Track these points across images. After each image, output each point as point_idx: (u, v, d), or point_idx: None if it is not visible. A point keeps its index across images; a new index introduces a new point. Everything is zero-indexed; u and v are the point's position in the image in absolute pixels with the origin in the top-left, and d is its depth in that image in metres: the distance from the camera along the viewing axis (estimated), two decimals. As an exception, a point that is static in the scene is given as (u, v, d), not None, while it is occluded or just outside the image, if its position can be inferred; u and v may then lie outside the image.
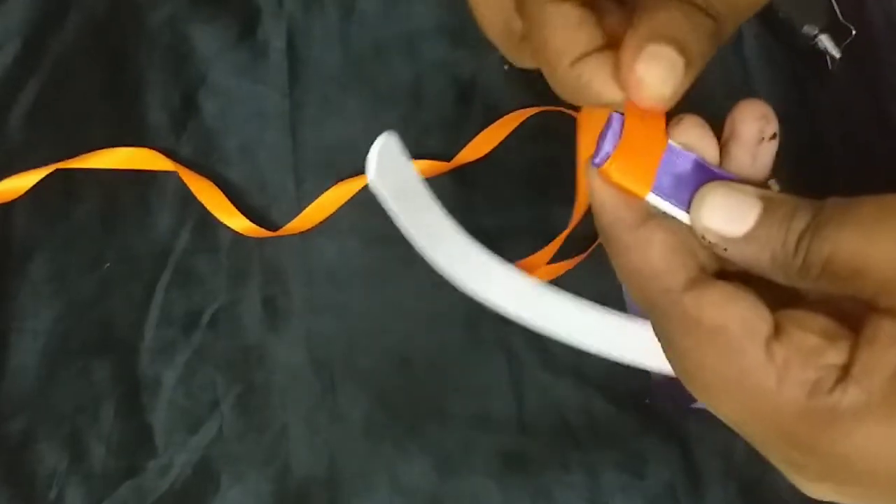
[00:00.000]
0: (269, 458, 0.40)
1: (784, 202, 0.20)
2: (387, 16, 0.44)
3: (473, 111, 0.43)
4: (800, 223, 0.20)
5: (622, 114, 0.22)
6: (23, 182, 0.42)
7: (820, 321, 0.19)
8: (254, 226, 0.42)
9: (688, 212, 0.21)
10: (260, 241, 0.42)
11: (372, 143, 0.44)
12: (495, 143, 0.43)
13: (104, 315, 0.42)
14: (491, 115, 0.43)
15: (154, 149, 0.43)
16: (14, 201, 0.42)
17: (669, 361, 0.21)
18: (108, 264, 0.42)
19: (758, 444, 0.20)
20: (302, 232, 0.42)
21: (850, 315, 0.19)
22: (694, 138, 0.22)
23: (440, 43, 0.44)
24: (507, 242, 0.43)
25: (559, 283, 0.33)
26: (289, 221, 0.42)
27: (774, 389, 0.18)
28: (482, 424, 0.41)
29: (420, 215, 0.29)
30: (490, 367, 0.41)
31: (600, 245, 0.42)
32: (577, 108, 0.41)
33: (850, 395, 0.18)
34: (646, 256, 0.21)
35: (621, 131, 0.21)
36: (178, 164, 0.42)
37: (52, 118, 0.44)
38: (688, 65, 0.20)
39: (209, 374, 0.41)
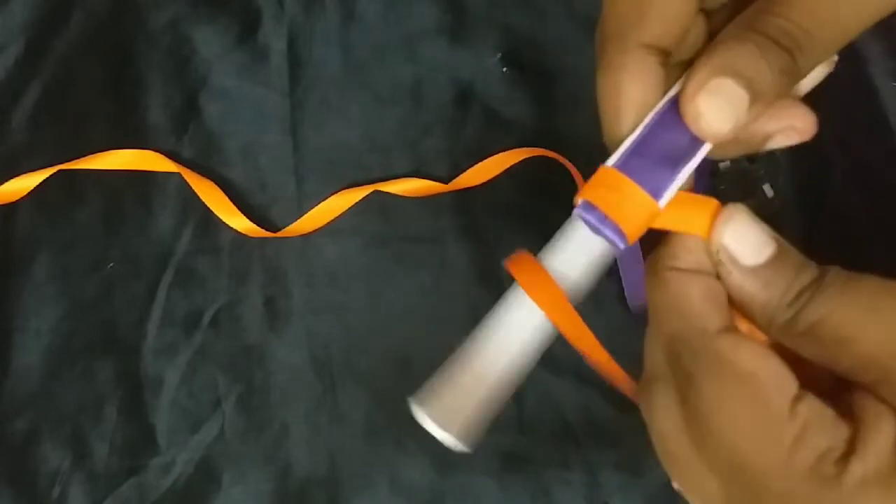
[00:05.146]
0: (270, 458, 0.40)
1: (795, 254, 0.21)
2: (387, 17, 0.44)
3: (473, 112, 0.44)
4: (804, 279, 0.20)
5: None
6: (26, 183, 0.42)
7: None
8: (255, 226, 0.42)
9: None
10: (261, 242, 0.43)
11: (372, 143, 0.44)
12: (492, 175, 0.43)
13: (107, 315, 0.42)
14: (490, 117, 0.43)
15: (155, 150, 0.43)
16: (17, 202, 0.43)
17: (662, 410, 0.21)
18: (111, 264, 0.42)
19: (753, 497, 0.20)
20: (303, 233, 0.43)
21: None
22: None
23: (440, 44, 0.44)
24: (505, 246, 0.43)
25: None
26: (290, 222, 0.43)
27: (789, 446, 0.19)
28: (482, 424, 0.41)
29: None
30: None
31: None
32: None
33: (854, 468, 0.18)
34: (687, 294, 0.21)
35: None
36: (179, 165, 0.43)
37: (54, 119, 0.44)
38: (753, 100, 0.20)
39: (211, 374, 0.41)
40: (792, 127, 0.22)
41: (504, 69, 0.44)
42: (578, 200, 0.22)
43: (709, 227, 0.21)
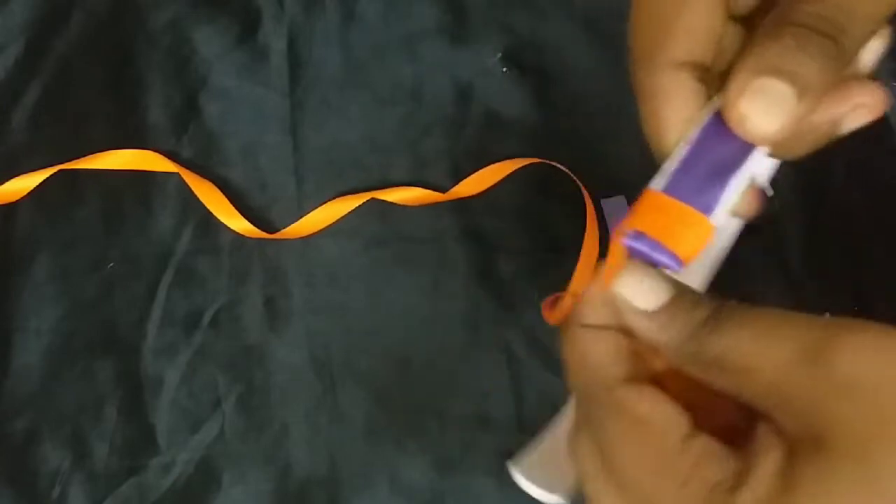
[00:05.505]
0: (270, 458, 0.40)
1: (690, 295, 0.22)
2: (387, 17, 0.44)
3: (473, 112, 0.44)
4: (699, 316, 0.21)
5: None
6: (26, 183, 0.42)
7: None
8: (254, 227, 0.42)
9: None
10: (261, 242, 0.43)
11: (372, 143, 0.44)
12: (490, 184, 0.43)
13: (107, 315, 0.42)
14: (490, 117, 0.43)
15: (155, 150, 0.43)
16: (17, 202, 0.43)
17: (582, 453, 0.23)
18: (111, 264, 0.42)
19: None
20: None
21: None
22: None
23: (440, 44, 0.44)
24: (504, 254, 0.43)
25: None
26: (289, 222, 0.43)
27: (682, 481, 0.20)
28: (482, 424, 0.41)
29: None
30: (490, 367, 0.41)
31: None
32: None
33: (742, 497, 0.20)
34: (592, 349, 0.22)
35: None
36: (179, 166, 0.43)
37: (54, 119, 0.44)
38: (801, 94, 0.19)
39: (211, 374, 0.41)
40: (861, 105, 0.22)
41: (504, 69, 0.44)
42: (627, 230, 0.21)
43: (608, 278, 0.22)
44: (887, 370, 0.19)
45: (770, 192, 0.23)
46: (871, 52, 0.22)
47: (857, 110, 0.22)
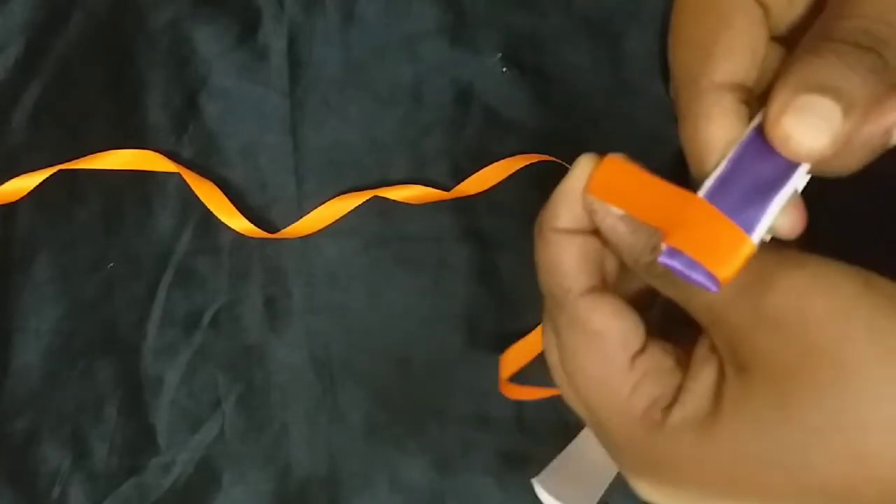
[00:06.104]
0: (270, 458, 0.40)
1: None
2: (387, 18, 0.44)
3: (473, 112, 0.44)
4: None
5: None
6: (26, 183, 0.42)
7: (679, 350, 0.22)
8: (254, 227, 0.42)
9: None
10: (261, 242, 0.43)
11: (372, 143, 0.44)
12: (493, 183, 0.43)
13: (107, 315, 0.42)
14: (490, 117, 0.43)
15: (155, 150, 0.43)
16: (17, 202, 0.43)
17: (549, 345, 0.24)
18: (111, 264, 0.42)
19: (602, 437, 0.23)
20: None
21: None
22: None
23: (440, 44, 0.44)
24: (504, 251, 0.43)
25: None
26: (290, 222, 0.43)
27: (627, 395, 0.22)
28: (482, 424, 0.41)
29: None
30: (490, 367, 0.41)
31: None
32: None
33: (675, 413, 0.21)
34: (561, 255, 0.23)
35: None
36: (179, 165, 0.43)
37: (54, 119, 0.44)
38: (847, 110, 0.19)
39: (211, 374, 0.41)
40: None
41: (504, 69, 0.44)
42: (664, 246, 0.21)
43: (588, 178, 0.23)
44: (816, 307, 0.19)
45: None
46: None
47: None
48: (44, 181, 0.42)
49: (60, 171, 0.42)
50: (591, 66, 0.44)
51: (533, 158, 0.43)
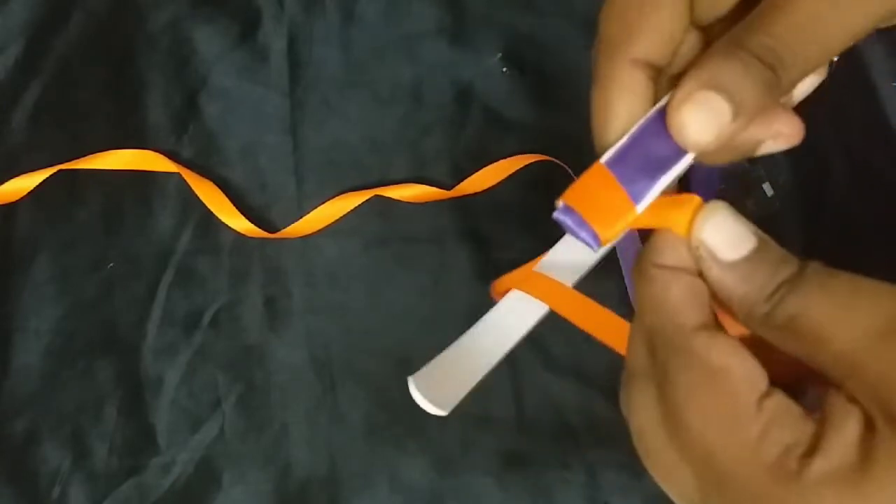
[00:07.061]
0: (270, 457, 0.40)
1: (775, 249, 0.21)
2: (387, 18, 0.44)
3: (473, 112, 0.44)
4: (783, 274, 0.21)
5: None
6: (26, 183, 0.42)
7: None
8: (254, 227, 0.42)
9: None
10: (261, 242, 0.43)
11: (372, 143, 0.44)
12: (492, 183, 0.43)
13: (107, 315, 0.42)
14: (490, 117, 0.43)
15: (155, 150, 0.43)
16: (17, 202, 0.43)
17: (638, 407, 0.22)
18: (111, 264, 0.42)
19: (721, 488, 0.21)
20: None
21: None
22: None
23: (439, 45, 0.44)
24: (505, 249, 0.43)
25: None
26: (289, 222, 0.43)
27: (755, 440, 0.20)
28: (482, 424, 0.41)
29: None
30: (490, 367, 0.41)
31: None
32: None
33: (816, 465, 0.19)
34: (668, 291, 0.22)
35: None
36: (179, 165, 0.43)
37: (54, 119, 0.44)
38: (736, 113, 0.21)
39: (211, 374, 0.41)
40: (779, 133, 0.23)
41: (504, 69, 0.44)
42: (560, 203, 0.23)
43: (689, 223, 0.22)
44: None
45: (770, 192, 0.23)
46: (804, 87, 0.25)
47: (776, 137, 0.23)
48: (44, 181, 0.42)
49: (60, 171, 0.42)
50: (591, 66, 0.44)
51: (533, 158, 0.43)
